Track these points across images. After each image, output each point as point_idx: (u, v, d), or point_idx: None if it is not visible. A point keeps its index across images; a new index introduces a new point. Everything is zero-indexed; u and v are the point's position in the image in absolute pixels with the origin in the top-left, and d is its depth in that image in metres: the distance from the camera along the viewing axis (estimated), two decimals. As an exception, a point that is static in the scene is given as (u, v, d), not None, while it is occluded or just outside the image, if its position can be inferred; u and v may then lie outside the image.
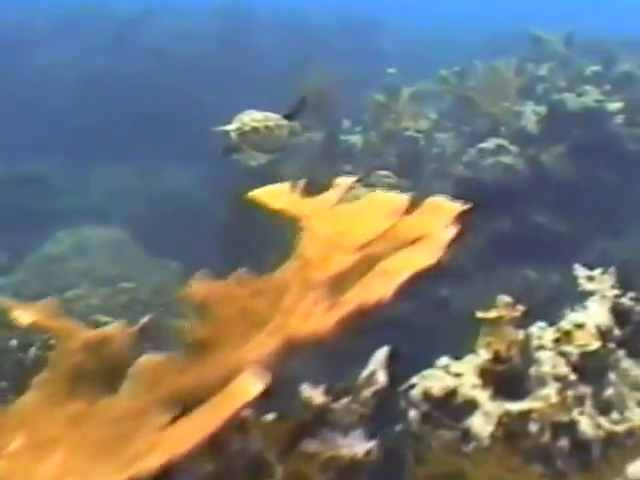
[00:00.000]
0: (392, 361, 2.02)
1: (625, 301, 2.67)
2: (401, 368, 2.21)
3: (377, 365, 1.93)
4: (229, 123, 3.58)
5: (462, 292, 8.47)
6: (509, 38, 14.16)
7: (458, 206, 2.01)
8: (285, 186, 2.28)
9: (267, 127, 4.04)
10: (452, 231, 1.88)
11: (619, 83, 9.07)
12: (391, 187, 8.14)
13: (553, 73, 10.04)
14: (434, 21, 19.78)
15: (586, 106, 7.89)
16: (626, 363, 2.59)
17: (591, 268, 3.17)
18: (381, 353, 1.99)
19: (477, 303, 3.38)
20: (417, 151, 8.68)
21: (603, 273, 2.79)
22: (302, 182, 2.37)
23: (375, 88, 11.67)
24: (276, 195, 2.18)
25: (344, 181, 2.23)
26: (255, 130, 3.93)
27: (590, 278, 2.76)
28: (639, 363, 2.62)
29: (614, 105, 7.96)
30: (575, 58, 10.80)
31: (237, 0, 18.16)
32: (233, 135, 3.96)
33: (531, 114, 8.51)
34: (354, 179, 2.31)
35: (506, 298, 3.10)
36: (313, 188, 2.48)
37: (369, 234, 1.93)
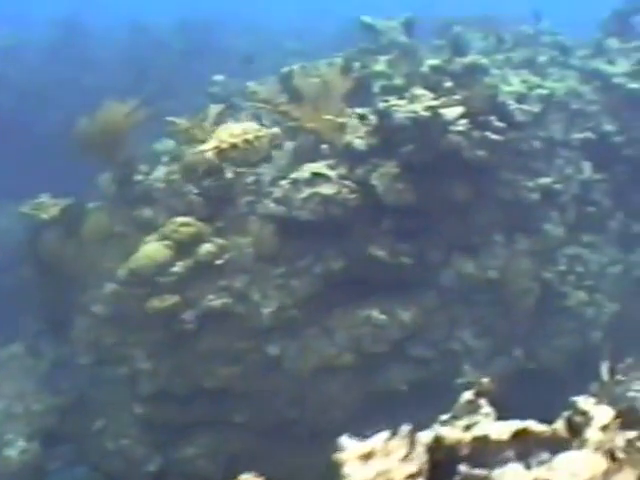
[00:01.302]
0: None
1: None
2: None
3: None
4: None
5: (295, 348, 7.04)
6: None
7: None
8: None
9: (246, 141, 4.56)
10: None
11: (463, 76, 7.69)
12: (189, 238, 6.61)
13: (391, 68, 8.63)
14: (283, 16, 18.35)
15: (418, 116, 6.46)
16: None
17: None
18: None
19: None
20: (226, 184, 7.13)
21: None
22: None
23: (200, 100, 10.19)
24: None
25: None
26: (234, 146, 4.46)
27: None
28: None
29: (452, 111, 6.55)
30: (418, 47, 9.42)
31: (73, 12, 16.72)
32: (210, 155, 4.32)
33: (358, 126, 7.04)
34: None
35: None
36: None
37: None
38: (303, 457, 6.90)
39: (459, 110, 6.47)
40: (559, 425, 1.82)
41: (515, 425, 1.78)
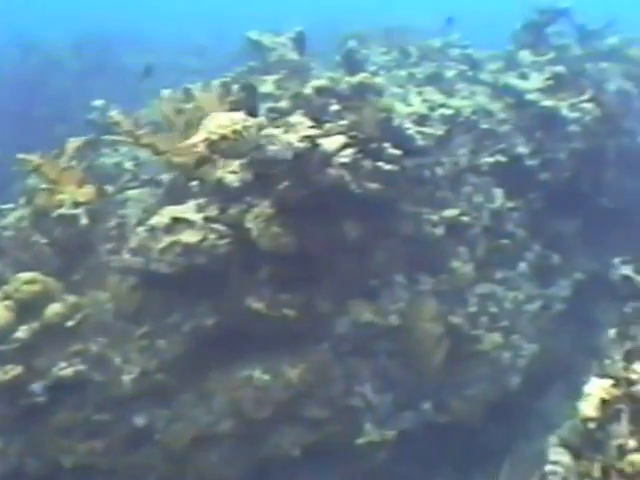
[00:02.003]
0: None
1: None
2: None
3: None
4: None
5: (165, 417, 6.05)
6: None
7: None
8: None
9: (235, 131, 4.68)
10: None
11: (352, 97, 6.81)
12: (34, 297, 5.57)
13: (279, 89, 7.72)
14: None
15: (293, 148, 5.54)
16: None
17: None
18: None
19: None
20: (80, 232, 6.11)
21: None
22: None
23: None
24: None
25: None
26: (224, 138, 4.55)
27: None
28: None
29: (333, 141, 5.65)
30: (310, 65, 8.52)
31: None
32: (201, 147, 4.67)
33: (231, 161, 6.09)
34: None
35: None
36: None
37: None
38: None
39: (341, 139, 5.56)
40: None
41: None
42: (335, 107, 6.42)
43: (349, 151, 5.69)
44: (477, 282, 7.15)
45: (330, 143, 5.57)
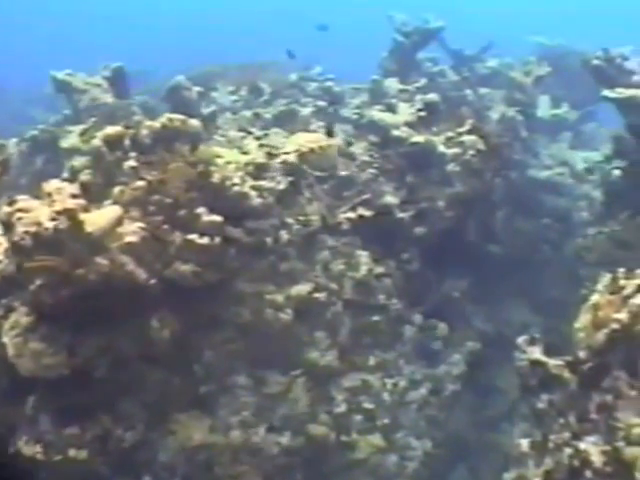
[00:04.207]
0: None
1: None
2: None
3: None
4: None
5: None
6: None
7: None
8: None
9: (321, 147, 5.08)
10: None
11: (155, 147, 5.17)
12: None
13: (86, 143, 6.04)
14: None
15: (39, 230, 3.85)
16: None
17: None
18: None
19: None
20: None
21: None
22: None
23: None
24: None
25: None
26: (312, 151, 4.85)
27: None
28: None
29: (102, 216, 3.97)
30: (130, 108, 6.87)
31: None
32: (292, 157, 4.99)
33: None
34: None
35: None
36: None
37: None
38: None
39: (116, 210, 3.90)
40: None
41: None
42: (132, 163, 4.74)
43: (132, 226, 4.02)
44: (344, 373, 5.57)
45: (101, 218, 3.89)
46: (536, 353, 4.45)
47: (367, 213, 5.99)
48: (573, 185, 8.01)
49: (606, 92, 5.79)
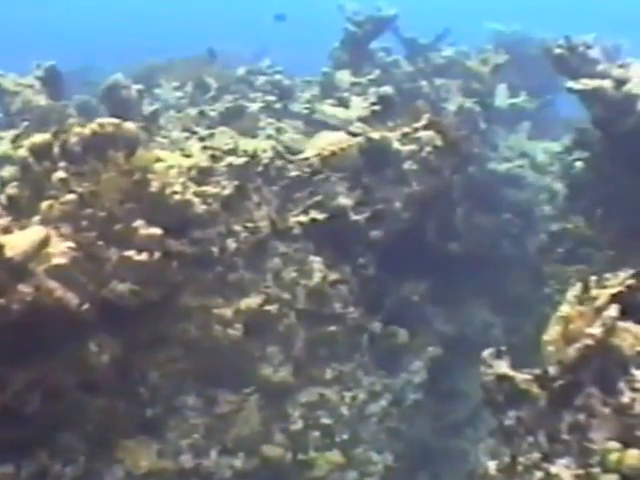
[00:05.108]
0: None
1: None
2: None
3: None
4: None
5: None
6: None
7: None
8: None
9: (342, 149, 5.05)
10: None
11: (86, 155, 4.78)
12: None
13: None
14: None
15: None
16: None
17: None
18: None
19: None
20: None
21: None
22: None
23: None
24: None
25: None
26: (333, 154, 4.83)
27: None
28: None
29: (24, 239, 3.58)
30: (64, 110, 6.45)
31: None
32: (314, 161, 5.03)
33: None
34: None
35: None
36: None
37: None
38: None
39: (39, 233, 3.51)
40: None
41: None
42: (61, 174, 4.35)
43: (61, 246, 3.64)
44: (299, 388, 5.26)
45: (23, 240, 3.50)
46: (503, 367, 4.15)
47: (320, 216, 5.66)
48: (534, 177, 7.76)
49: (570, 83, 5.51)
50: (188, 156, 5.40)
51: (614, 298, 3.73)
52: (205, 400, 4.98)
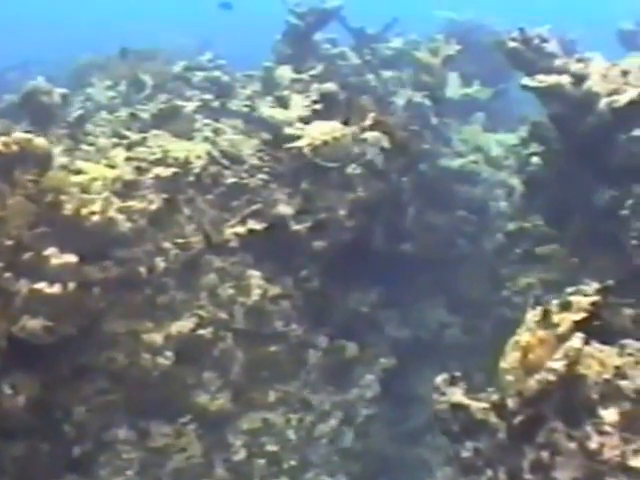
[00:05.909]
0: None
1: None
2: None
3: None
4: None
5: None
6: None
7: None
8: None
9: (335, 138, 4.87)
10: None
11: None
12: None
13: None
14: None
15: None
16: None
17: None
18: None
19: None
20: None
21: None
22: None
23: None
24: None
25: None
26: (325, 143, 4.70)
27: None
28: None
29: None
30: None
31: None
32: (306, 151, 4.82)
33: None
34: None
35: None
36: None
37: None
38: None
39: None
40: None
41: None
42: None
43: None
44: (240, 415, 4.90)
45: None
46: (457, 394, 3.81)
47: (258, 226, 5.28)
48: (488, 172, 7.43)
49: (526, 80, 5.16)
50: (112, 167, 4.97)
51: (577, 325, 3.41)
52: (138, 433, 4.60)
